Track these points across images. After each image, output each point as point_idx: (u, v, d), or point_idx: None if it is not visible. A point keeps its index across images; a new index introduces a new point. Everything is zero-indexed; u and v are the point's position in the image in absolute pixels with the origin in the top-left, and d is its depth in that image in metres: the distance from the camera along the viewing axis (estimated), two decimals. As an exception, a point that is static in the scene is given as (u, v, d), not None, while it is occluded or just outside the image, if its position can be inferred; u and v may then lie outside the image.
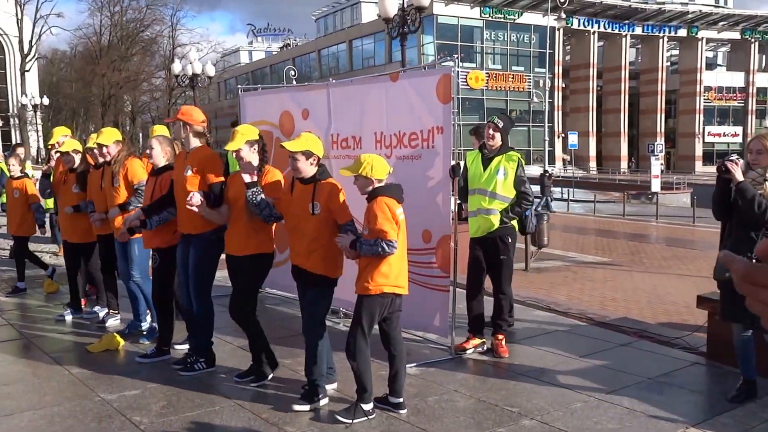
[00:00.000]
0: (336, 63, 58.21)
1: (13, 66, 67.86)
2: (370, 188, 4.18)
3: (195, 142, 4.92)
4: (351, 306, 4.77)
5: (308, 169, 4.31)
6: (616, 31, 55.88)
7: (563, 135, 51.71)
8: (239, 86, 7.35)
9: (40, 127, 58.69)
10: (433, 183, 5.38)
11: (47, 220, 9.11)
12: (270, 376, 4.85)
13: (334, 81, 6.51)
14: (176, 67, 25.30)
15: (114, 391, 4.70)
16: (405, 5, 12.31)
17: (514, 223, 5.59)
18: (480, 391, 4.77)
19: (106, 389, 4.73)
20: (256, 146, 4.62)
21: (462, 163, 5.72)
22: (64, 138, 6.84)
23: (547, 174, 24.28)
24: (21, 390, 4.81)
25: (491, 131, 5.53)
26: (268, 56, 75.75)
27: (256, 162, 4.59)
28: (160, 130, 6.48)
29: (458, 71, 5.28)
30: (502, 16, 49.51)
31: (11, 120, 69.90)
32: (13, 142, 63.34)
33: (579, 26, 53.65)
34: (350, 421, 4.11)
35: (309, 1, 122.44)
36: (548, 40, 38.07)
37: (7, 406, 4.46)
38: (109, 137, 5.95)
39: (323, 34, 65.82)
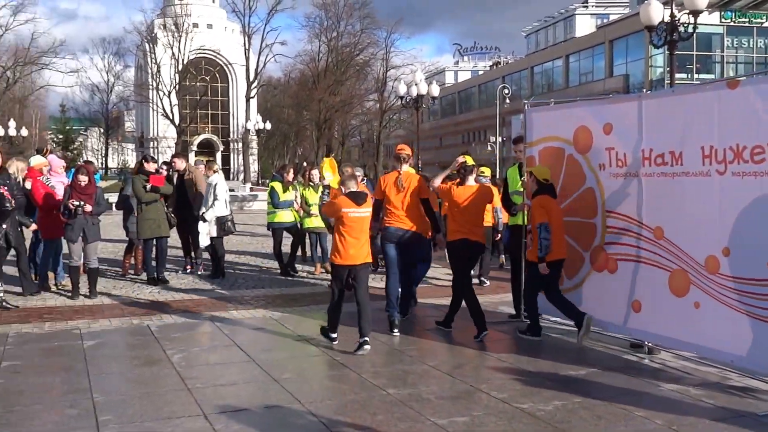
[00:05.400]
0: (549, 80, 57.42)
1: (235, 93, 75.71)
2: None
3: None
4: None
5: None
6: None
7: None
8: (525, 101, 7.37)
9: (255, 151, 64.70)
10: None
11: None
12: None
13: (648, 92, 6.28)
14: (401, 88, 26.45)
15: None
16: (673, 10, 11.64)
17: None
18: None
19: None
20: None
21: None
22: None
23: None
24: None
25: None
26: (474, 76, 76.76)
27: None
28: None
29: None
30: (747, 20, 45.61)
31: (231, 144, 77.77)
32: (234, 165, 70.47)
33: (843, 27, 47.89)
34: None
35: (519, 17, 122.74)
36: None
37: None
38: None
39: (534, 50, 65.36)
